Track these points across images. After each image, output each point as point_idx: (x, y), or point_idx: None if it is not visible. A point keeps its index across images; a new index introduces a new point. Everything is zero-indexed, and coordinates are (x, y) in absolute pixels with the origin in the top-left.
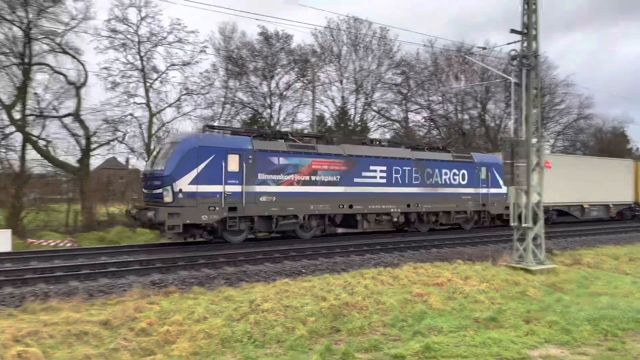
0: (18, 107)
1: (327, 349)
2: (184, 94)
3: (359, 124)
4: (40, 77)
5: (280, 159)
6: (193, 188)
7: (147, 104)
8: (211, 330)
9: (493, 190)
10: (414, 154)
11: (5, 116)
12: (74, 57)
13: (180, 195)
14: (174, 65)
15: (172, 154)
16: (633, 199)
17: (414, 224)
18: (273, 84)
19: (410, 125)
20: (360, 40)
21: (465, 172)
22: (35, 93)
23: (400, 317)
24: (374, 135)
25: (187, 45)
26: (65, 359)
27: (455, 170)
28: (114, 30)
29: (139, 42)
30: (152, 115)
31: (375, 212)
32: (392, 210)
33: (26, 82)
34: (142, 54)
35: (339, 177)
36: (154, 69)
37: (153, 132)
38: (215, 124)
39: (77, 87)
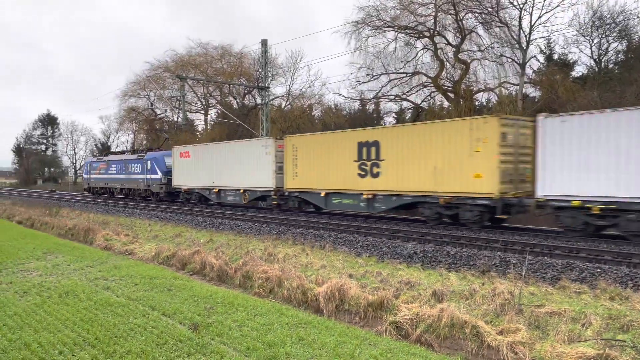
0: None
1: None
2: None
3: None
4: None
5: (94, 164)
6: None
7: None
8: None
9: (153, 176)
10: (124, 156)
11: None
12: None
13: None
14: None
15: None
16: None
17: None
18: None
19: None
20: None
21: (140, 165)
22: None
23: None
24: None
25: None
26: None
27: (136, 164)
28: None
29: None
30: None
31: (117, 187)
32: (118, 187)
33: None
34: None
35: (104, 170)
36: None
37: None
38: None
39: None
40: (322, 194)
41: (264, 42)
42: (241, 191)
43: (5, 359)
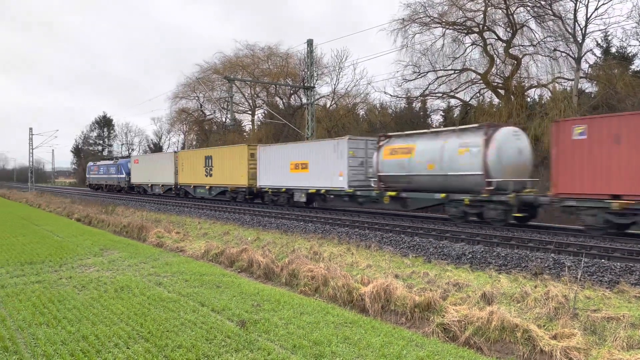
0: None
1: None
2: None
3: None
4: None
5: (92, 167)
6: None
7: None
8: None
9: (120, 176)
10: (107, 162)
11: None
12: None
13: None
14: None
15: None
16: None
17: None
18: None
19: None
20: None
21: (115, 168)
22: None
23: None
24: None
25: None
26: None
27: (113, 167)
28: None
29: None
30: None
31: (103, 184)
32: (104, 183)
33: None
34: None
35: (96, 171)
36: None
37: None
38: None
39: None
40: (192, 186)
41: (310, 42)
42: (160, 186)
43: (65, 350)
